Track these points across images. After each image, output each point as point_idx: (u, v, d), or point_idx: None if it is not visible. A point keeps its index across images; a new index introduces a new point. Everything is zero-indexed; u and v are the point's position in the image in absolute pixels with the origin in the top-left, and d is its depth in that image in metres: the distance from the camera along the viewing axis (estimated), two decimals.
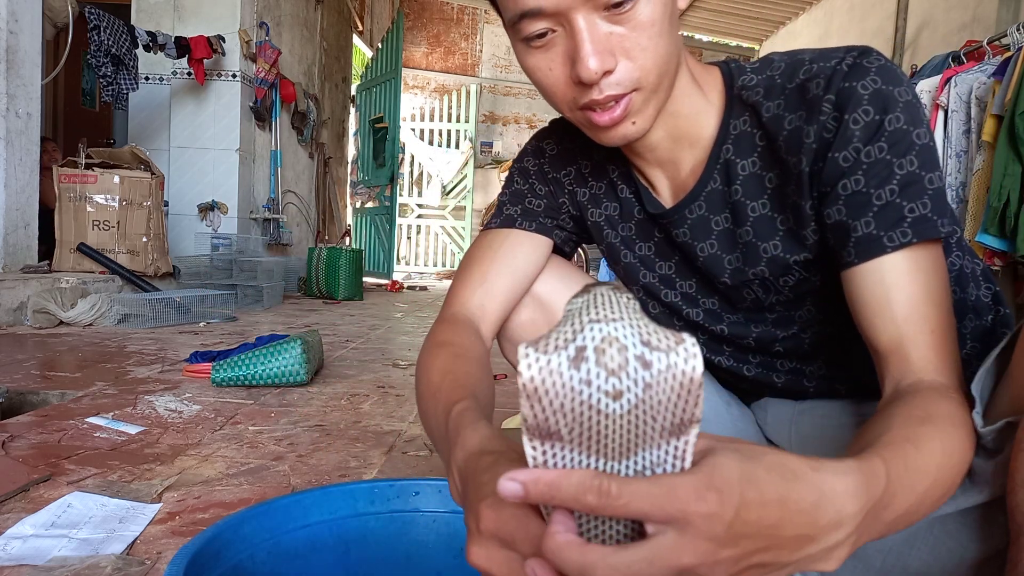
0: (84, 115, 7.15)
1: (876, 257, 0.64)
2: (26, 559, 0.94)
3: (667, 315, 0.89)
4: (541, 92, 0.71)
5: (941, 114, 3.48)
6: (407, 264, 10.63)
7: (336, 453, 1.50)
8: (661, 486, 0.36)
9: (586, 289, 0.40)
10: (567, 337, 0.37)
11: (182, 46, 4.76)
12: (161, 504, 1.16)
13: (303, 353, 2.10)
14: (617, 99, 0.65)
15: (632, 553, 0.36)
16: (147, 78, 4.97)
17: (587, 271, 7.19)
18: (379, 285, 7.25)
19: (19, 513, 1.09)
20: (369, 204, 7.83)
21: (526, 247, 0.86)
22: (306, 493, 0.64)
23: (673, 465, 0.39)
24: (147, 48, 4.53)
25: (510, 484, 0.37)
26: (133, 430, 1.58)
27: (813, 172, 0.69)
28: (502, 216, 0.89)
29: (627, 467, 0.39)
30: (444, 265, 10.70)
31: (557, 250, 0.91)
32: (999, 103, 3.08)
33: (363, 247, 7.76)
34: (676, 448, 0.39)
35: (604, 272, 7.75)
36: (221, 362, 2.12)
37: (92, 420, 1.64)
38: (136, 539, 1.02)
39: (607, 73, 0.63)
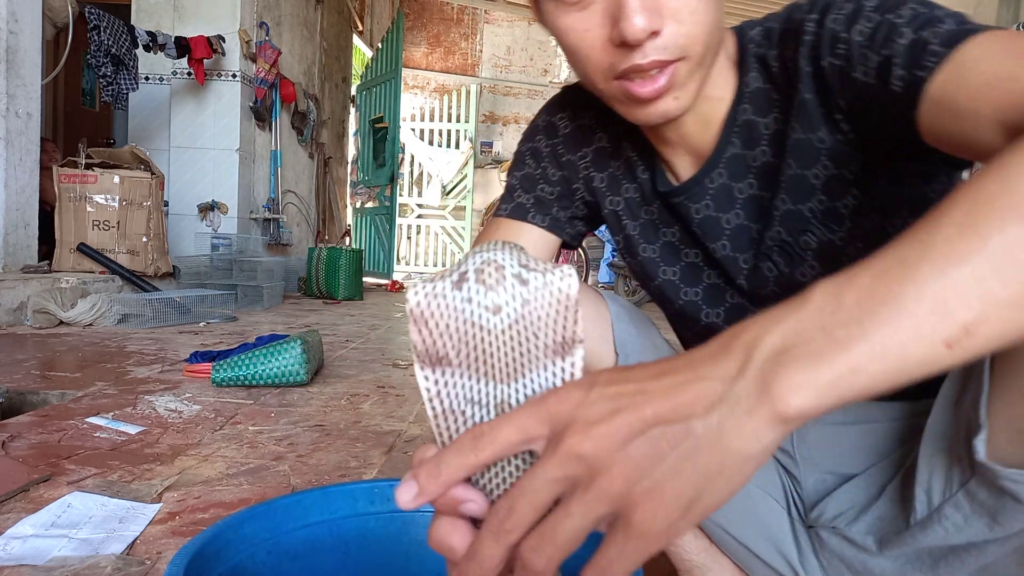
0: (84, 115, 7.15)
1: (926, 79, 0.51)
2: (26, 559, 0.94)
3: (685, 317, 0.83)
4: (572, 59, 0.64)
5: None
6: (407, 264, 10.63)
7: (336, 453, 1.50)
8: (525, 404, 0.37)
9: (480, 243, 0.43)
10: (452, 267, 0.40)
11: (182, 46, 4.76)
12: (161, 504, 1.16)
13: (303, 353, 2.10)
14: (662, 67, 0.59)
15: (535, 475, 0.35)
16: (147, 78, 4.97)
17: (587, 271, 7.20)
18: (379, 285, 7.25)
19: (19, 513, 1.09)
20: (369, 204, 7.83)
21: (536, 245, 0.81)
22: (306, 493, 0.64)
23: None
24: (147, 48, 4.53)
25: (404, 494, 0.38)
26: (133, 430, 1.58)
27: (820, 91, 0.62)
28: (513, 203, 0.83)
29: (516, 391, 0.40)
30: (444, 265, 10.70)
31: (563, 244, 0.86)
32: None
33: (363, 247, 7.76)
34: (563, 370, 0.40)
35: (604, 273, 7.75)
36: (221, 362, 2.12)
37: (92, 420, 1.64)
38: (136, 539, 1.02)
39: (653, 35, 0.57)
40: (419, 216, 10.64)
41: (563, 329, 0.39)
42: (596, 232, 7.82)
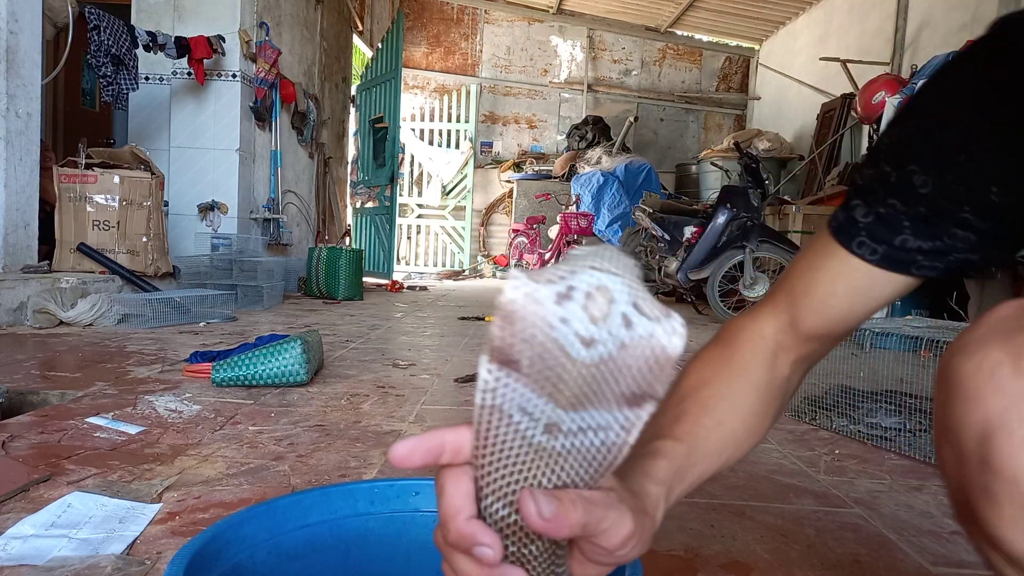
0: (84, 115, 7.15)
1: None
2: (26, 559, 0.94)
3: None
4: None
5: None
6: (407, 264, 10.63)
7: (336, 453, 1.50)
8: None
9: (595, 244, 0.40)
10: (562, 274, 0.37)
11: (182, 46, 4.77)
12: (161, 504, 1.16)
13: (303, 353, 2.10)
14: None
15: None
16: (147, 78, 4.97)
17: None
18: (379, 285, 7.25)
19: (19, 513, 1.09)
20: (369, 204, 7.83)
21: (857, 283, 0.59)
22: (306, 493, 0.64)
23: (618, 435, 0.39)
24: (147, 48, 4.53)
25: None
26: (133, 430, 1.58)
27: None
28: (846, 214, 0.60)
29: (573, 420, 0.38)
30: (444, 265, 10.70)
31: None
32: None
33: (363, 247, 7.76)
34: (627, 419, 0.38)
35: None
36: (221, 362, 2.12)
37: (92, 420, 1.64)
38: (136, 539, 1.02)
39: None
40: (419, 216, 10.64)
41: (646, 384, 0.37)
42: (596, 232, 7.82)
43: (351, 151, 8.82)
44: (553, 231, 8.13)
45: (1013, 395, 0.39)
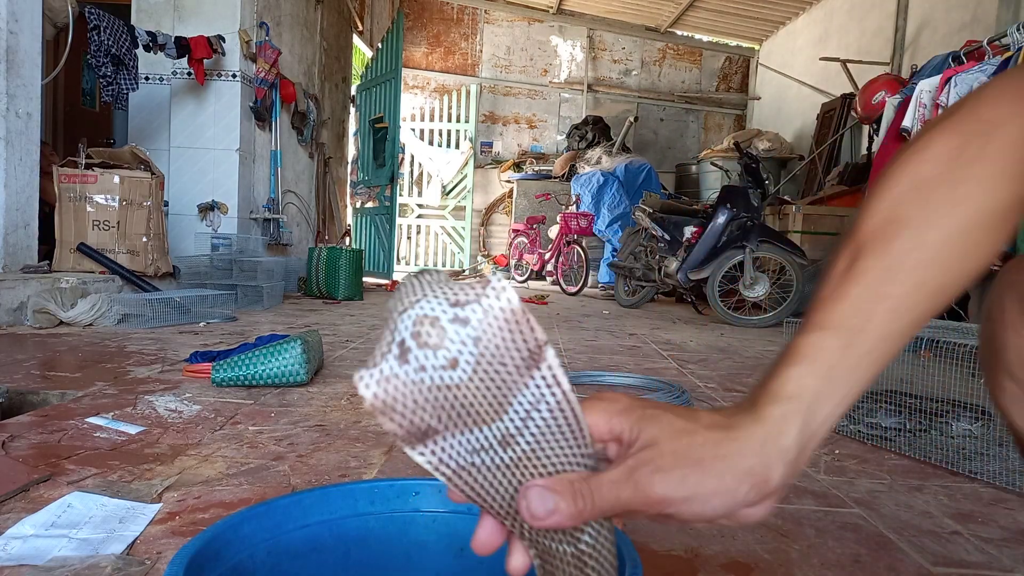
0: (84, 115, 7.15)
1: None
2: (26, 559, 0.94)
3: None
4: None
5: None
6: (407, 264, 10.63)
7: (336, 453, 1.49)
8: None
9: (396, 291, 0.40)
10: (388, 341, 0.38)
11: (182, 46, 4.77)
12: (161, 504, 1.16)
13: (303, 353, 2.10)
14: None
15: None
16: (147, 78, 4.97)
17: (587, 271, 7.19)
18: (379, 285, 7.25)
19: (19, 513, 1.09)
20: (369, 204, 7.83)
21: None
22: (306, 493, 0.64)
23: (553, 394, 0.38)
24: (147, 48, 4.53)
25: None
26: (133, 430, 1.58)
27: None
28: None
29: (512, 420, 0.39)
30: (444, 265, 10.70)
31: None
32: None
33: (363, 247, 7.76)
34: (544, 379, 0.38)
35: (604, 274, 7.75)
36: (221, 362, 2.12)
37: (92, 420, 1.64)
38: (136, 539, 1.02)
39: None
40: (419, 216, 10.64)
41: (524, 342, 0.37)
42: (596, 231, 7.82)
43: (351, 151, 8.82)
44: (553, 231, 8.13)
45: None
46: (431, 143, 10.49)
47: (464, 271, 10.26)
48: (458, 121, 10.46)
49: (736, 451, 0.39)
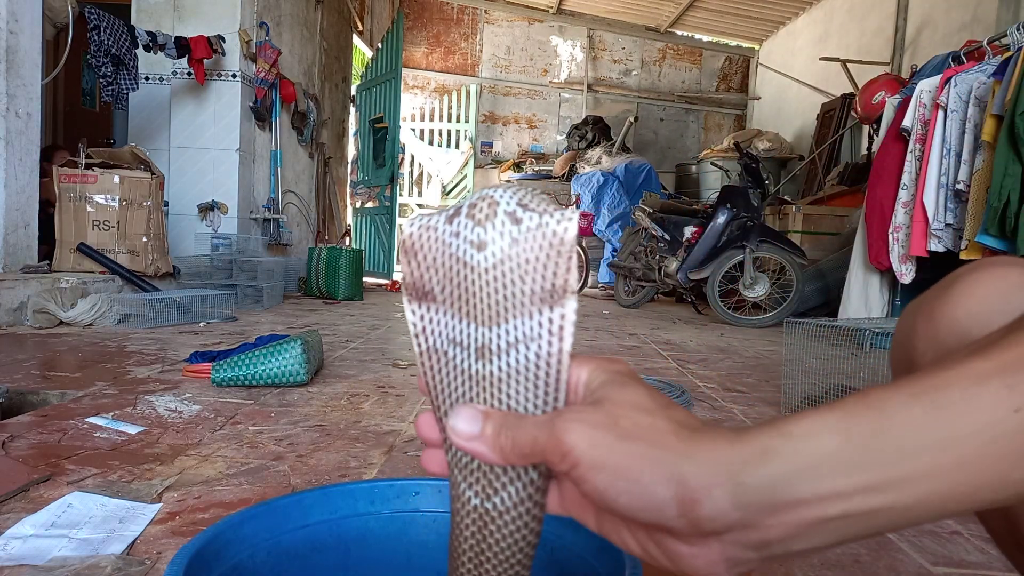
0: (84, 115, 7.15)
1: None
2: (26, 559, 0.94)
3: None
4: None
5: (941, 114, 3.48)
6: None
7: (336, 453, 1.49)
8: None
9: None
10: (456, 205, 0.39)
11: (182, 46, 4.77)
12: (161, 504, 1.16)
13: (303, 353, 2.10)
14: None
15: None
16: (147, 78, 4.97)
17: (587, 271, 7.20)
18: (379, 285, 7.25)
19: (19, 513, 1.09)
20: (369, 204, 7.83)
21: None
22: (306, 493, 0.64)
23: (550, 343, 0.37)
24: (147, 48, 4.53)
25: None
26: (133, 430, 1.58)
27: None
28: None
29: (499, 336, 0.38)
30: None
31: None
32: (999, 103, 3.08)
33: (363, 247, 7.76)
34: (550, 321, 0.37)
35: (604, 274, 7.75)
36: (221, 362, 2.12)
37: (92, 420, 1.64)
38: (136, 539, 1.02)
39: None
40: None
41: (553, 276, 0.36)
42: (596, 231, 7.82)
43: (351, 151, 8.82)
44: None
45: None
46: (431, 143, 10.49)
47: None
48: (458, 121, 10.46)
49: (677, 448, 0.31)
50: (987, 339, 0.32)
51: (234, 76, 5.24)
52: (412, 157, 10.46)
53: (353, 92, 8.58)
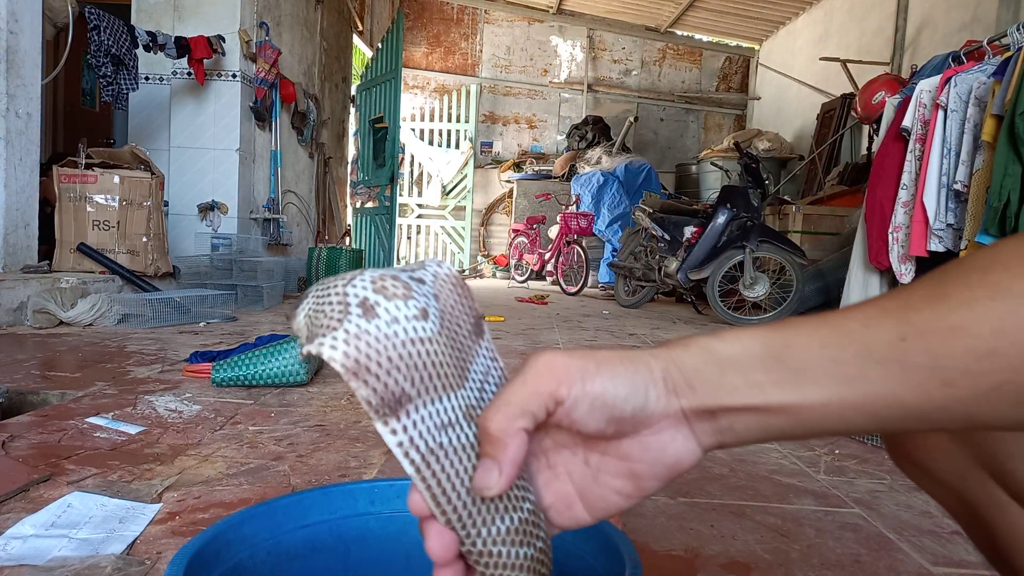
0: (84, 115, 7.15)
1: None
2: (26, 559, 0.94)
3: None
4: None
5: (941, 114, 3.48)
6: (407, 264, 10.62)
7: (336, 453, 1.49)
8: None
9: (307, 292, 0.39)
10: (339, 306, 0.35)
11: (182, 46, 4.76)
12: (161, 504, 1.16)
13: None
14: None
15: None
16: (147, 78, 4.97)
17: (587, 271, 7.19)
18: None
19: (19, 513, 1.09)
20: (369, 204, 7.83)
21: None
22: (306, 493, 0.64)
23: (496, 367, 0.40)
24: (147, 48, 4.53)
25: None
26: (133, 430, 1.58)
27: None
28: None
29: (471, 389, 0.39)
30: None
31: None
32: (999, 103, 3.08)
33: (363, 247, 7.75)
34: (488, 350, 0.40)
35: (604, 274, 7.75)
36: (221, 362, 2.12)
37: (92, 420, 1.64)
38: (136, 539, 1.02)
39: None
40: (419, 216, 10.63)
41: (471, 308, 0.39)
42: (596, 231, 7.82)
43: (351, 151, 8.82)
44: (553, 231, 8.13)
45: None
46: (431, 143, 10.49)
47: (464, 271, 10.26)
48: (458, 121, 10.46)
49: (643, 355, 0.39)
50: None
51: (234, 76, 5.24)
52: (412, 157, 10.46)
53: (353, 92, 8.58)
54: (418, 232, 10.70)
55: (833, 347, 0.35)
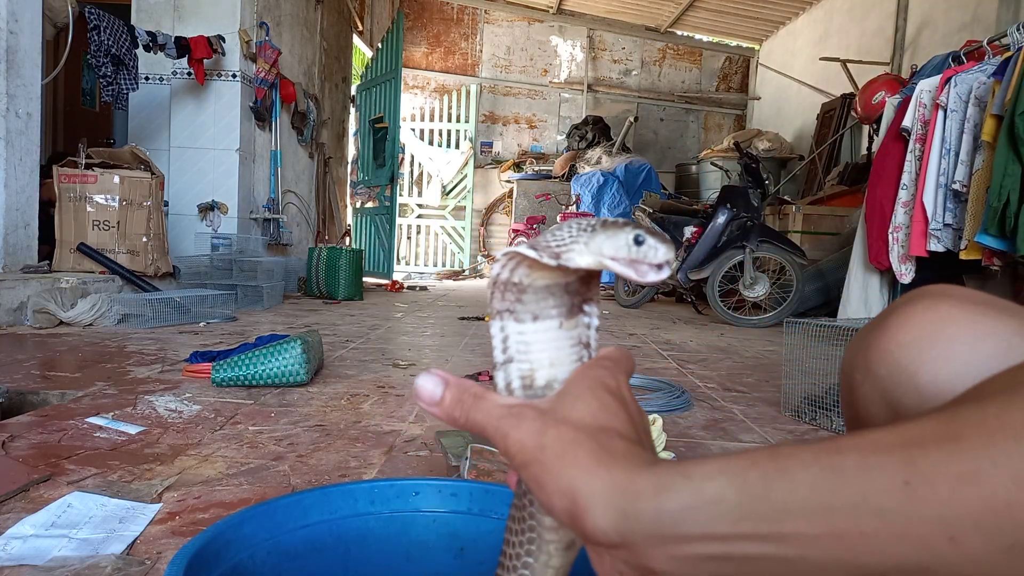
0: (84, 115, 7.15)
1: None
2: (26, 559, 0.94)
3: None
4: None
5: (941, 114, 3.48)
6: (407, 264, 10.63)
7: (336, 453, 1.49)
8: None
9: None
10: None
11: (182, 46, 4.77)
12: (161, 504, 1.16)
13: (303, 353, 2.10)
14: None
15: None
16: (147, 78, 4.97)
17: None
18: (379, 285, 7.25)
19: (19, 513, 1.09)
20: (369, 204, 7.83)
21: None
22: (306, 493, 0.64)
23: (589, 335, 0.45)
24: (147, 48, 4.53)
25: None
26: (133, 430, 1.58)
27: None
28: None
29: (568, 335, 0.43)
30: (444, 265, 10.70)
31: None
32: (999, 103, 3.08)
33: (363, 247, 7.76)
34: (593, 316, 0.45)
35: (604, 274, 7.74)
36: (221, 362, 2.12)
37: (92, 420, 1.64)
38: (136, 539, 1.02)
39: None
40: (419, 216, 10.64)
41: None
42: None
43: (351, 151, 8.82)
44: None
45: None
46: (431, 143, 10.50)
47: (464, 271, 10.26)
48: (458, 121, 10.46)
49: (582, 465, 0.33)
50: (904, 419, 0.32)
51: (234, 76, 5.24)
52: (412, 157, 10.46)
53: (353, 92, 8.58)
54: (418, 232, 10.70)
55: (821, 493, 0.30)
